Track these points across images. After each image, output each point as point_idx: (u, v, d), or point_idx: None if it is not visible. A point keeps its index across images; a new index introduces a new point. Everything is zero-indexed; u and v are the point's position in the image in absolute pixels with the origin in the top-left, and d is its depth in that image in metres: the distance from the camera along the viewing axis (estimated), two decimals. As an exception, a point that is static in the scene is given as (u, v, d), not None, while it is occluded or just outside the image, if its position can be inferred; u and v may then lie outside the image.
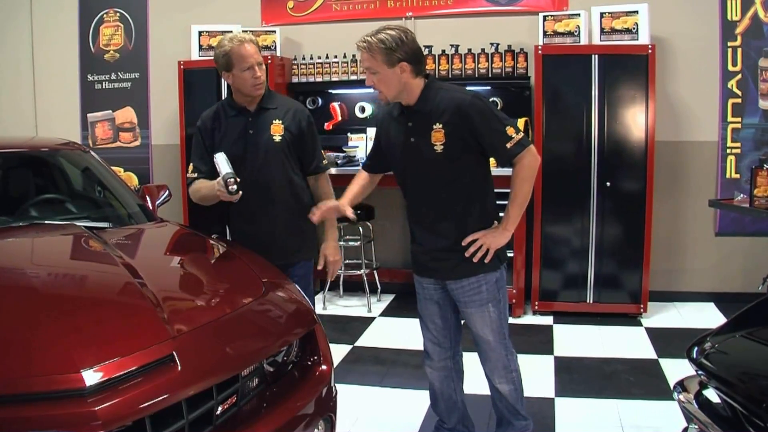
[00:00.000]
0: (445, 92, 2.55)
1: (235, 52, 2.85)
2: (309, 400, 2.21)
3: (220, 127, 2.98)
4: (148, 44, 6.02)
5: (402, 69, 2.48)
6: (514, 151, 2.49)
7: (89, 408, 1.61)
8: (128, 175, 6.07)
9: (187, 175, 3.07)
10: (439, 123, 2.51)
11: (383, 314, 5.15)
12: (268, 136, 2.92)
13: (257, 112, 2.96)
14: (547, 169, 4.84)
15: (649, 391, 3.58)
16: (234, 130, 2.95)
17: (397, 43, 2.46)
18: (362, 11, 5.59)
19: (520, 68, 5.16)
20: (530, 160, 2.52)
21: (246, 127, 2.94)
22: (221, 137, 2.96)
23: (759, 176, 3.92)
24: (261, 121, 2.95)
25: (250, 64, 2.85)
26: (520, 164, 2.52)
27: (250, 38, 2.91)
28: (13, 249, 2.67)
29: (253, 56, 2.86)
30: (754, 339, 2.21)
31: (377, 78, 2.51)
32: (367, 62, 2.51)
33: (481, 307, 2.65)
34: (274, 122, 2.94)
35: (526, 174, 2.54)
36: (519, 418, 2.83)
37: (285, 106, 3.01)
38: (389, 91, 2.54)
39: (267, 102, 2.98)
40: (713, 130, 5.13)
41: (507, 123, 2.52)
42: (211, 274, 2.70)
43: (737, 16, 5.00)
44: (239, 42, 2.86)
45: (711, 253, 5.25)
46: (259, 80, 2.88)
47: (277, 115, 2.96)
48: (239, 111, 2.97)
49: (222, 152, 2.78)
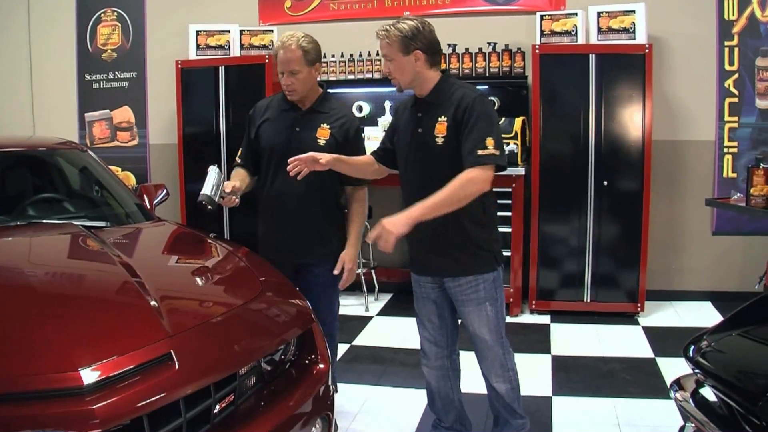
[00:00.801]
0: (458, 88, 2.60)
1: (277, 55, 2.89)
2: (306, 398, 2.22)
3: (270, 116, 3.01)
4: (145, 44, 6.02)
5: (416, 57, 2.54)
6: (479, 159, 2.45)
7: (87, 406, 1.61)
8: (126, 174, 6.07)
9: (236, 159, 3.14)
10: (444, 116, 2.55)
11: (381, 313, 5.16)
12: (313, 138, 2.92)
13: (308, 111, 2.98)
14: (544, 168, 4.86)
15: (646, 390, 3.59)
16: (282, 122, 2.98)
17: (414, 32, 2.53)
18: (359, 11, 5.60)
19: (517, 68, 5.16)
20: (482, 178, 2.45)
21: (293, 123, 2.96)
22: (266, 124, 3.00)
23: (755, 175, 3.92)
24: (309, 121, 2.96)
25: (281, 71, 2.88)
26: (473, 174, 2.44)
27: (293, 46, 2.85)
28: (11, 248, 2.67)
29: (285, 64, 2.86)
30: (750, 337, 2.21)
31: (393, 65, 2.58)
32: (384, 49, 2.58)
33: (479, 306, 2.65)
34: (322, 126, 2.94)
35: (467, 185, 2.43)
36: (516, 416, 2.83)
37: (337, 113, 3.00)
38: (403, 79, 2.60)
39: (320, 105, 2.99)
40: (710, 130, 5.14)
41: (493, 135, 2.48)
42: (209, 273, 2.70)
43: (734, 15, 5.01)
44: (283, 47, 2.87)
45: (708, 252, 5.26)
46: (288, 87, 2.90)
47: (326, 119, 2.96)
48: (291, 107, 2.99)
49: (215, 167, 2.81)
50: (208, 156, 5.45)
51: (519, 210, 4.86)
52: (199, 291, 2.47)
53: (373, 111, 5.65)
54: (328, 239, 3.01)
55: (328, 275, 2.99)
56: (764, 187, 3.91)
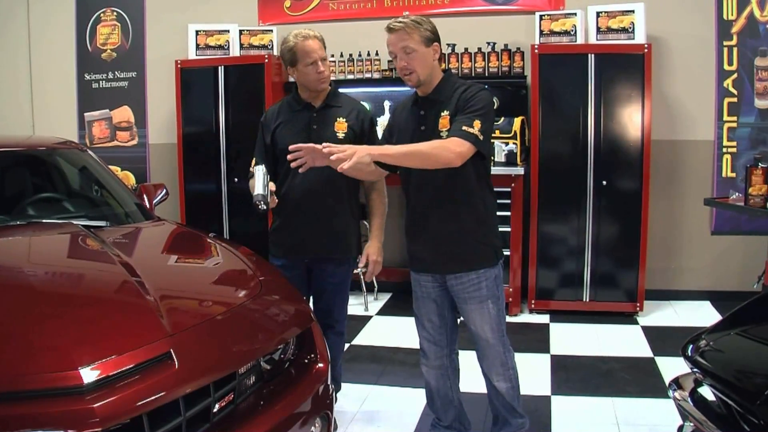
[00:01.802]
0: (460, 85, 2.61)
1: (300, 47, 2.89)
2: (306, 397, 2.22)
3: (284, 119, 3.01)
4: (145, 43, 6.02)
5: (435, 50, 2.58)
6: (460, 134, 2.44)
7: (87, 405, 1.61)
8: (125, 174, 6.07)
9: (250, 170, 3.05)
10: (446, 111, 2.56)
11: (380, 313, 5.16)
12: (332, 132, 2.94)
13: (322, 108, 2.99)
14: (543, 168, 4.86)
15: (645, 389, 3.60)
16: (298, 123, 2.98)
17: (431, 26, 2.58)
18: (359, 10, 5.60)
19: (516, 67, 5.17)
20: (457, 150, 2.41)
21: (310, 122, 2.97)
22: (281, 128, 2.99)
23: (754, 175, 3.93)
24: (326, 117, 2.98)
25: (314, 59, 2.89)
26: (450, 143, 2.43)
27: (315, 34, 2.93)
28: (10, 248, 2.67)
29: (316, 51, 2.89)
30: (748, 337, 2.21)
31: (413, 57, 2.55)
32: (403, 42, 2.54)
33: (481, 303, 2.66)
34: (339, 120, 2.97)
35: (439, 148, 2.42)
36: (516, 415, 2.84)
37: (350, 106, 3.04)
38: (423, 71, 2.57)
39: (332, 100, 3.01)
40: (709, 129, 5.14)
41: (483, 121, 2.48)
42: (209, 273, 2.71)
43: (733, 15, 5.02)
44: (303, 37, 2.90)
45: (707, 251, 5.26)
46: (323, 75, 2.92)
47: (342, 113, 2.99)
48: (304, 106, 3.00)
49: (262, 166, 2.75)
50: (208, 156, 5.47)
51: (518, 210, 4.86)
52: (199, 290, 2.47)
53: (372, 111, 5.63)
54: (344, 238, 3.02)
55: (342, 274, 3.00)
56: (763, 186, 3.92)
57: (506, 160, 4.93)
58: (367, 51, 5.41)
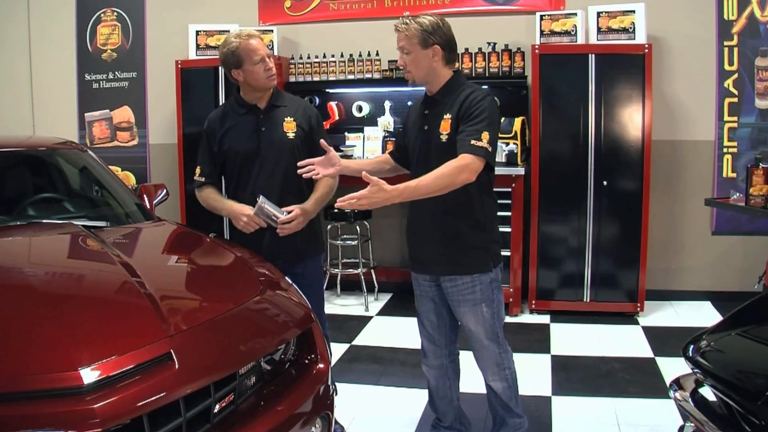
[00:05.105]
0: (466, 87, 2.61)
1: (244, 46, 2.86)
2: (306, 398, 2.22)
3: (231, 124, 2.98)
4: (145, 44, 6.02)
5: (434, 52, 2.57)
6: (471, 149, 2.44)
7: (87, 406, 1.61)
8: (126, 174, 6.07)
9: (195, 178, 3.05)
10: (449, 113, 2.56)
11: (380, 313, 5.16)
12: (282, 133, 2.92)
13: (268, 109, 2.96)
14: (544, 168, 4.86)
15: (646, 390, 3.60)
16: (245, 127, 2.95)
17: (434, 27, 2.57)
18: (359, 11, 5.60)
19: (517, 67, 5.17)
20: (473, 167, 2.43)
21: (258, 125, 2.94)
22: (230, 133, 2.96)
23: (755, 175, 3.93)
24: (273, 118, 2.95)
25: (261, 56, 2.86)
26: (466, 161, 2.43)
27: (255, 33, 2.93)
28: (11, 248, 2.66)
29: (262, 48, 2.88)
30: (749, 337, 2.21)
31: (409, 58, 2.58)
32: (402, 42, 2.58)
33: (474, 306, 2.66)
34: (287, 119, 2.94)
35: (460, 172, 2.41)
36: (513, 415, 2.84)
37: (295, 104, 3.03)
38: (418, 73, 2.60)
39: (277, 100, 2.99)
40: (710, 130, 5.14)
41: (489, 129, 2.47)
42: (209, 273, 2.71)
43: (734, 15, 5.01)
44: (246, 37, 2.88)
45: (707, 251, 5.26)
46: (271, 71, 2.90)
47: (288, 112, 2.97)
48: (249, 109, 2.97)
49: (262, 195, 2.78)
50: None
51: (519, 210, 4.86)
52: (199, 291, 2.48)
53: (373, 111, 5.65)
54: (307, 238, 2.98)
55: (313, 274, 2.98)
56: (763, 186, 3.91)
57: (507, 160, 4.93)
58: (368, 51, 5.41)
